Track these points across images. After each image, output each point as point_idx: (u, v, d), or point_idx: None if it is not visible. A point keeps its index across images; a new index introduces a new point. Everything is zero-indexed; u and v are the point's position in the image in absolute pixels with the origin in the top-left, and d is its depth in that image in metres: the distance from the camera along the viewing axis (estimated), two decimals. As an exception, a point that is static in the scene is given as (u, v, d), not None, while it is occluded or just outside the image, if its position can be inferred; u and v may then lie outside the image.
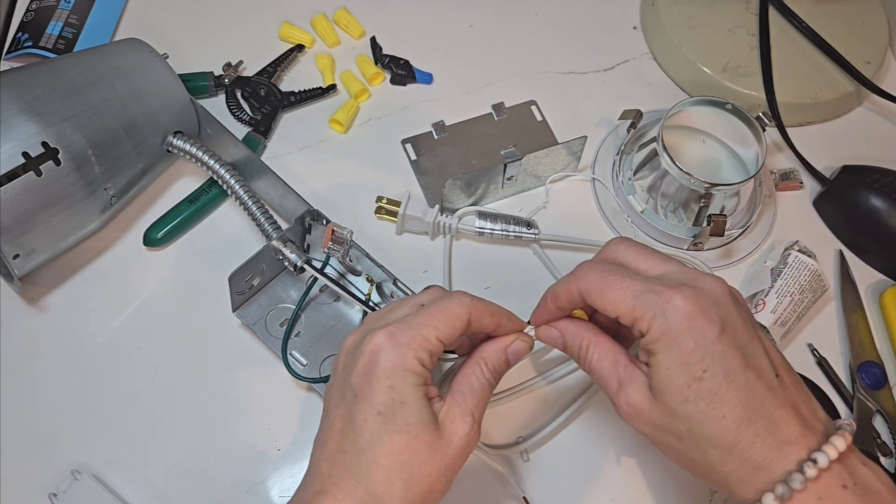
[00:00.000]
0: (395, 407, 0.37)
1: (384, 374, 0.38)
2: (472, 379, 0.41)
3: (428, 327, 0.39)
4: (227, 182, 0.55)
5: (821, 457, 0.35)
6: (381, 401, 0.37)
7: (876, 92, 0.67)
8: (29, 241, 0.50)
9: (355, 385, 0.38)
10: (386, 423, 0.37)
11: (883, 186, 0.61)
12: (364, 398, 0.38)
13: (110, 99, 0.52)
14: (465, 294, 0.41)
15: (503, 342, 0.42)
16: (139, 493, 0.50)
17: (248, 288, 0.54)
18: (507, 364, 0.43)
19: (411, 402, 0.38)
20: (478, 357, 0.42)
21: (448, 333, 0.39)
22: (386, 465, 0.37)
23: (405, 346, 0.38)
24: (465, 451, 0.39)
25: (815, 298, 0.58)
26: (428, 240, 0.60)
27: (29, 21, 0.65)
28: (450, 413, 0.39)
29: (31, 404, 0.52)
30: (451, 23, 0.71)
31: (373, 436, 0.37)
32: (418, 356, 0.38)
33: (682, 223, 0.60)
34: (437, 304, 0.40)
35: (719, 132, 0.61)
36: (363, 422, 0.37)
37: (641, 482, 0.53)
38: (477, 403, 0.40)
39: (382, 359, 0.38)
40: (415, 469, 0.37)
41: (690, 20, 0.69)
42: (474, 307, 0.40)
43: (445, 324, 0.39)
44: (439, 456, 0.38)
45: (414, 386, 0.38)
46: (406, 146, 0.64)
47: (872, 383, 0.56)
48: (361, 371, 0.38)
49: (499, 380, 0.42)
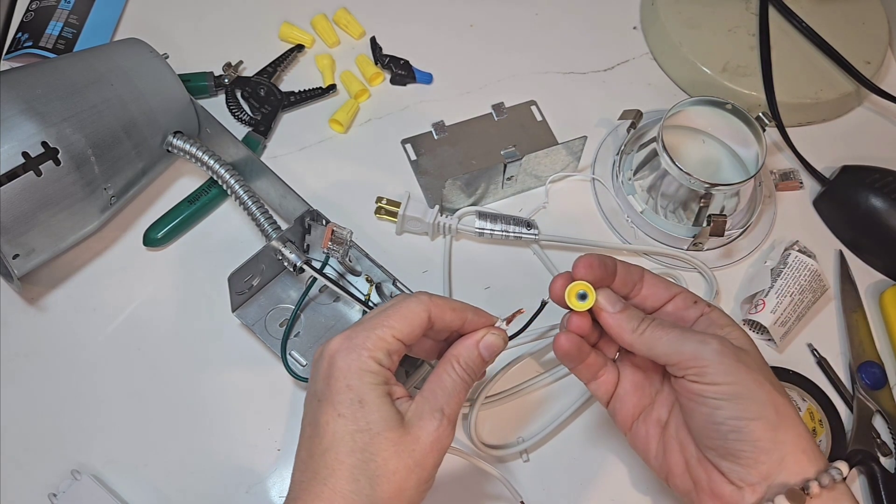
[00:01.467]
0: (354, 407, 0.38)
1: (341, 374, 0.39)
2: (443, 377, 0.41)
3: (383, 327, 0.39)
4: (226, 182, 0.55)
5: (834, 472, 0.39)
6: (340, 401, 0.38)
7: (876, 92, 0.67)
8: (29, 241, 0.50)
9: (319, 391, 0.39)
10: (347, 424, 0.38)
11: (883, 186, 0.61)
12: (325, 401, 0.39)
13: (110, 99, 0.52)
14: (424, 293, 0.42)
15: (474, 337, 0.42)
16: (139, 493, 0.50)
17: (247, 288, 0.54)
18: (482, 359, 0.42)
19: (370, 400, 0.38)
20: (449, 355, 0.42)
21: (406, 331, 0.40)
22: (349, 463, 0.37)
23: (360, 346, 0.39)
24: (436, 447, 0.39)
25: (815, 298, 0.58)
26: (428, 240, 0.60)
27: (29, 21, 0.65)
28: (417, 410, 0.39)
29: (31, 404, 0.52)
30: (451, 23, 0.71)
31: (335, 436, 0.38)
32: (374, 356, 0.39)
33: (682, 223, 0.60)
34: (394, 306, 0.41)
35: (719, 132, 0.61)
36: (325, 424, 0.38)
37: (641, 482, 0.53)
38: (448, 400, 0.40)
39: (338, 360, 0.39)
40: (380, 466, 0.38)
41: (690, 20, 0.69)
42: (433, 304, 0.41)
43: (402, 322, 0.40)
44: (405, 453, 0.38)
45: (372, 385, 0.38)
46: (406, 146, 0.64)
47: (872, 383, 0.56)
48: (322, 376, 0.39)
49: (475, 376, 0.42)
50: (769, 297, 0.57)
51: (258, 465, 0.51)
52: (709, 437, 0.40)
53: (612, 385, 0.46)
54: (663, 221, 0.60)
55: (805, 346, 0.58)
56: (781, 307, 0.56)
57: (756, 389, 0.39)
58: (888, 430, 0.55)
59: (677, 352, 0.40)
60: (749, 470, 0.39)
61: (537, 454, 0.53)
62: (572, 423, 0.54)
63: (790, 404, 0.40)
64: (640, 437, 0.45)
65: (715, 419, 0.39)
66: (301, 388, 0.54)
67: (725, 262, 0.61)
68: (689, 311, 0.44)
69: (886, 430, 0.55)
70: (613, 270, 0.44)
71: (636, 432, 0.45)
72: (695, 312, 0.44)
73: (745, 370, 0.39)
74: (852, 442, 0.54)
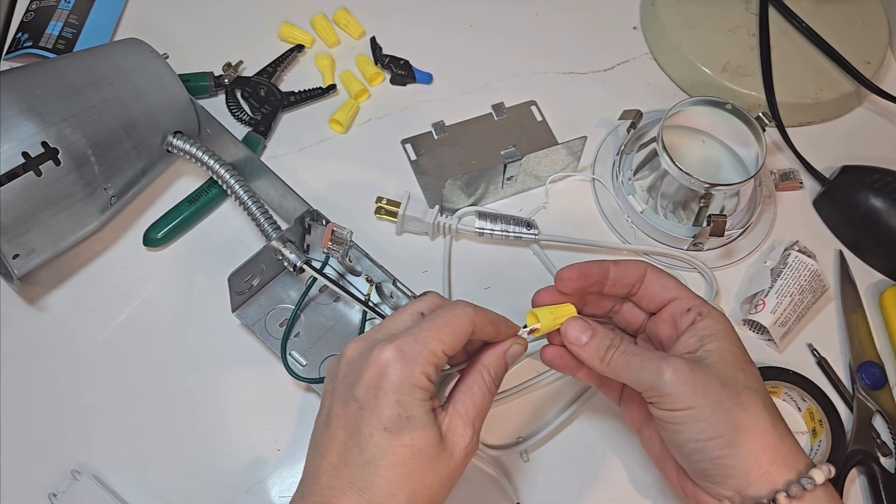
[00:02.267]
0: (402, 422, 0.37)
1: (392, 388, 0.38)
2: (474, 388, 0.41)
3: (434, 341, 0.39)
4: (226, 182, 0.55)
5: (817, 473, 0.39)
6: (388, 415, 0.37)
7: (876, 92, 0.67)
8: (29, 241, 0.50)
9: (361, 398, 0.38)
10: (391, 438, 0.37)
11: (883, 186, 0.61)
12: (370, 411, 0.38)
13: (110, 99, 0.52)
14: (467, 304, 0.41)
15: (502, 348, 0.43)
16: (139, 493, 0.50)
17: (247, 288, 0.54)
18: (507, 368, 0.43)
19: (417, 417, 0.38)
20: (480, 365, 0.42)
21: (453, 346, 0.39)
22: (389, 478, 0.37)
23: (413, 361, 0.38)
24: (465, 461, 0.40)
25: (815, 298, 0.58)
26: (428, 240, 0.60)
27: (29, 21, 0.65)
28: (452, 424, 0.39)
29: (31, 404, 0.52)
30: (451, 23, 0.71)
31: (377, 449, 0.37)
32: (425, 371, 0.38)
33: (682, 223, 0.60)
34: (441, 317, 0.40)
35: (719, 132, 0.61)
36: (368, 435, 0.37)
37: (641, 482, 0.53)
38: (478, 413, 0.40)
39: (391, 373, 0.38)
40: (418, 482, 0.37)
41: (690, 20, 0.69)
42: (478, 317, 0.41)
43: (451, 336, 0.39)
44: (441, 468, 0.38)
45: (421, 401, 0.38)
46: (406, 146, 0.64)
47: (872, 383, 0.56)
48: (368, 384, 0.38)
49: (499, 385, 0.43)
50: (769, 298, 0.56)
51: (258, 465, 0.51)
52: (678, 456, 0.42)
53: (616, 389, 0.47)
54: (663, 221, 0.60)
55: (805, 346, 0.58)
56: (781, 307, 0.56)
57: (712, 412, 0.39)
58: (888, 430, 0.55)
59: (638, 380, 0.41)
60: (719, 485, 0.40)
61: (537, 454, 0.53)
62: (572, 423, 0.54)
63: (761, 416, 0.40)
64: (647, 441, 0.46)
65: (677, 441, 0.40)
66: (301, 388, 0.54)
67: (725, 262, 0.61)
68: (683, 318, 0.44)
69: (886, 430, 0.55)
70: (601, 276, 0.44)
71: (644, 435, 0.47)
72: (686, 321, 0.44)
73: (702, 394, 0.39)
74: (852, 442, 0.54)
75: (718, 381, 0.40)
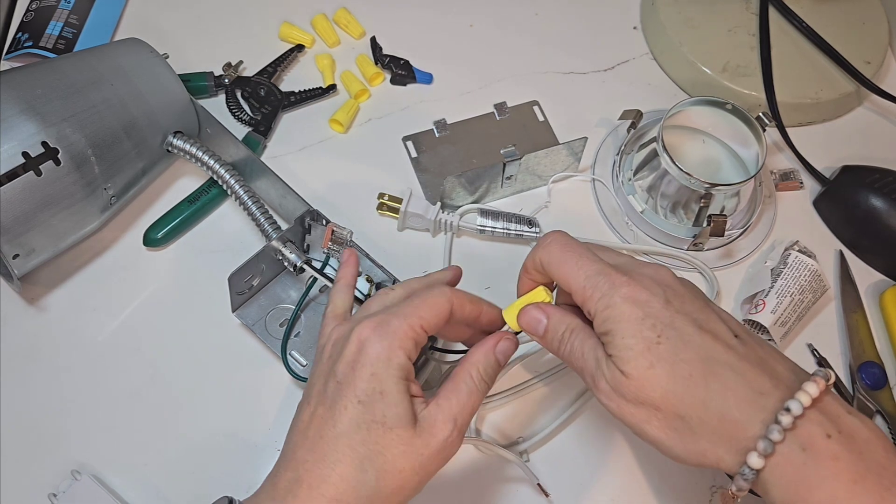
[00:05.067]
0: (375, 396, 0.38)
1: (368, 361, 0.39)
2: (460, 385, 0.41)
3: (413, 317, 0.40)
4: (226, 182, 0.55)
5: (793, 404, 0.35)
6: (363, 388, 0.38)
7: (876, 92, 0.67)
8: (29, 241, 0.50)
9: (340, 373, 0.39)
10: (364, 412, 0.38)
11: (883, 186, 0.61)
12: (347, 385, 0.39)
13: (110, 99, 0.52)
14: (444, 284, 0.42)
15: (490, 344, 0.43)
16: (139, 493, 0.50)
17: (247, 288, 0.54)
18: (498, 364, 0.43)
19: (390, 393, 0.38)
20: (468, 363, 0.42)
21: (433, 323, 0.40)
22: (361, 452, 0.38)
23: (392, 334, 0.39)
24: (442, 454, 0.39)
25: (815, 298, 0.58)
26: (429, 237, 0.60)
27: (29, 21, 0.65)
28: (431, 415, 0.39)
29: (31, 404, 0.52)
30: (451, 23, 0.71)
31: (351, 422, 0.38)
32: (404, 346, 0.39)
33: (682, 223, 0.60)
34: (419, 295, 0.41)
35: (719, 132, 0.61)
36: (343, 408, 0.38)
37: (641, 482, 0.53)
38: (461, 409, 0.40)
39: (369, 347, 0.39)
40: (388, 461, 0.38)
41: (690, 20, 0.69)
42: (455, 296, 0.41)
43: (429, 313, 0.40)
44: (414, 454, 0.38)
45: (396, 378, 0.39)
46: (407, 143, 0.64)
47: (872, 383, 0.56)
48: (347, 359, 0.39)
49: (492, 381, 0.42)
50: (769, 298, 0.57)
51: (258, 466, 0.51)
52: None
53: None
54: (663, 221, 0.60)
55: (805, 346, 0.58)
56: (781, 307, 0.56)
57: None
58: (888, 431, 0.55)
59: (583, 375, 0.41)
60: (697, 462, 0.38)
61: (537, 454, 0.53)
62: (572, 424, 0.54)
63: (697, 385, 0.36)
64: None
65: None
66: (301, 388, 0.54)
67: (726, 262, 0.61)
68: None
69: (886, 430, 0.55)
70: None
71: None
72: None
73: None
74: (852, 442, 0.54)
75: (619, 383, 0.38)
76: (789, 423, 0.34)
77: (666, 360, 0.37)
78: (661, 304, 0.38)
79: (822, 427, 0.35)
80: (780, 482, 0.35)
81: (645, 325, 0.37)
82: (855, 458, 0.34)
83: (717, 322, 0.38)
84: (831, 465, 0.34)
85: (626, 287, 0.38)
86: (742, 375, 0.36)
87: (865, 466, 0.34)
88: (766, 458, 0.35)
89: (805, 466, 0.34)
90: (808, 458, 0.34)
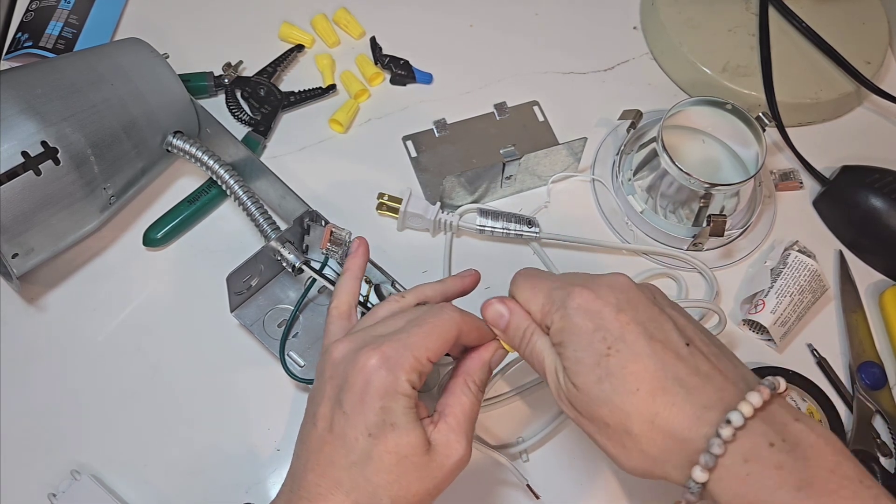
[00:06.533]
0: (386, 429, 0.38)
1: (377, 395, 0.38)
2: (462, 399, 0.41)
3: (420, 348, 0.39)
4: (226, 182, 0.55)
5: (734, 416, 0.35)
6: (373, 421, 0.38)
7: (876, 92, 0.67)
8: (28, 241, 0.50)
9: (346, 402, 0.39)
10: (376, 444, 0.38)
11: (883, 186, 0.60)
12: (356, 416, 0.38)
13: (110, 99, 0.52)
14: (454, 310, 0.41)
15: (485, 357, 0.43)
16: (139, 493, 0.50)
17: (246, 288, 0.54)
18: (491, 372, 0.44)
19: (401, 424, 0.38)
20: (465, 375, 0.42)
21: (438, 353, 0.40)
22: (375, 481, 0.38)
23: (398, 367, 0.38)
24: (456, 472, 0.40)
25: (814, 298, 0.58)
26: (429, 237, 0.60)
27: (29, 21, 0.65)
28: (444, 436, 0.40)
29: (30, 404, 0.52)
30: (450, 23, 0.71)
31: (363, 453, 0.38)
32: (410, 378, 0.39)
33: (682, 223, 0.60)
34: (428, 322, 0.40)
35: (719, 132, 0.61)
36: (354, 440, 0.38)
37: (640, 483, 0.52)
38: (469, 423, 0.41)
39: (375, 381, 0.38)
40: (403, 488, 0.38)
41: (690, 20, 0.69)
42: (464, 323, 0.41)
43: (437, 343, 0.40)
44: (429, 477, 0.38)
45: (405, 409, 0.38)
46: (407, 143, 0.64)
47: (872, 383, 0.56)
48: (353, 389, 0.39)
49: (485, 390, 0.43)
50: (769, 298, 0.56)
51: (257, 466, 0.51)
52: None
53: None
54: (663, 221, 0.60)
55: (805, 347, 0.58)
56: (781, 307, 0.56)
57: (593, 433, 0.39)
58: (888, 431, 0.55)
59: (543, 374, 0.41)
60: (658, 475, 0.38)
61: (537, 454, 0.53)
62: (572, 424, 0.54)
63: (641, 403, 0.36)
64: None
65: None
66: (300, 389, 0.54)
67: (725, 262, 0.61)
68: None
69: (886, 430, 0.55)
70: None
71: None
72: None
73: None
74: (852, 442, 0.54)
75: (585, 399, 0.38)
76: (729, 435, 0.34)
77: (615, 375, 0.37)
78: (613, 314, 0.38)
79: (766, 437, 0.35)
80: (726, 494, 0.35)
81: (596, 338, 0.38)
82: (800, 465, 0.34)
83: (670, 330, 0.38)
84: (775, 475, 0.34)
85: (579, 297, 0.39)
86: (689, 390, 0.36)
87: (812, 473, 0.34)
88: (709, 471, 0.35)
89: (749, 477, 0.34)
90: (751, 469, 0.34)
